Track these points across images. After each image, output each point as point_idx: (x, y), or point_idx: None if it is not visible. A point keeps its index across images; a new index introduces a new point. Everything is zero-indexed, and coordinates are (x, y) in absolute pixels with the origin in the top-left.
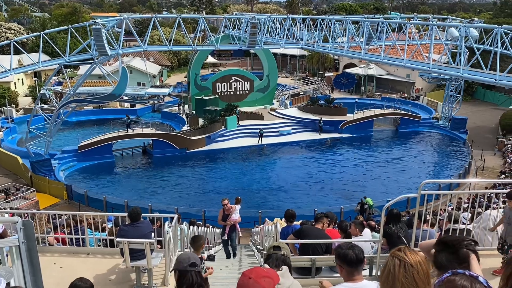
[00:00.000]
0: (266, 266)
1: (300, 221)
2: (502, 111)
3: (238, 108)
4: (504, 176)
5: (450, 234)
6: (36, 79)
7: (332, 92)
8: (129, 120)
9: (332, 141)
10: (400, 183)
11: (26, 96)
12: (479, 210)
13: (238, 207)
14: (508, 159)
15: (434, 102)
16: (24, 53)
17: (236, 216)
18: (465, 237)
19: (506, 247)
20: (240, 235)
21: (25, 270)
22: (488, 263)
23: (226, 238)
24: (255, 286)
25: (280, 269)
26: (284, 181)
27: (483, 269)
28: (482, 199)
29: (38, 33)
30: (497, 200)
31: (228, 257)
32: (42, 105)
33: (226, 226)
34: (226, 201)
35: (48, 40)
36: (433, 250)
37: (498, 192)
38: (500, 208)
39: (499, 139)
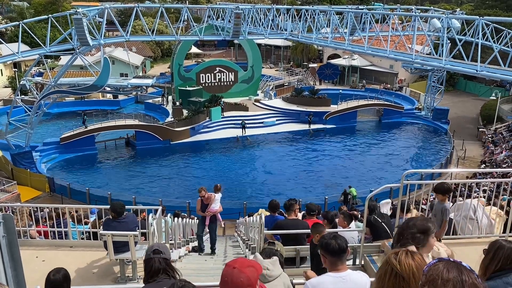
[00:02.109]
0: (259, 256)
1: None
2: (483, 101)
3: (223, 99)
4: (484, 165)
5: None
6: (16, 69)
7: (320, 84)
8: (85, 117)
9: (315, 131)
10: (383, 173)
11: (5, 87)
12: (460, 199)
13: (218, 195)
14: (488, 149)
15: (416, 93)
16: (2, 43)
17: (216, 206)
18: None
19: None
20: (223, 225)
21: (5, 264)
22: (468, 251)
23: (208, 230)
24: (239, 275)
25: (271, 258)
26: (268, 172)
27: (465, 257)
28: (463, 189)
29: (17, 23)
30: (477, 190)
31: (199, 252)
32: (22, 96)
33: (206, 217)
34: (203, 193)
35: (28, 30)
36: None
37: (478, 181)
38: (481, 197)
39: (480, 129)
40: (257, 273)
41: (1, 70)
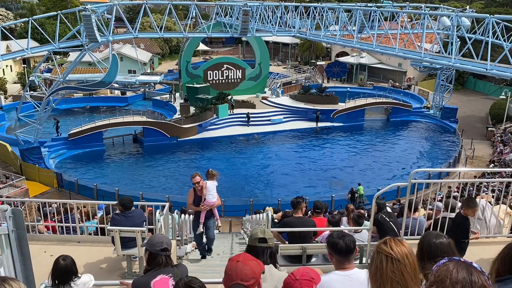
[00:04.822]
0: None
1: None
2: (492, 100)
3: (233, 97)
4: (493, 165)
5: (440, 222)
6: (25, 65)
7: (328, 81)
8: (58, 124)
9: (321, 129)
10: (391, 172)
11: (15, 83)
12: None
13: (212, 183)
14: (497, 149)
15: (425, 91)
16: (12, 39)
17: (213, 198)
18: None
19: None
20: (220, 224)
21: (14, 258)
22: (477, 251)
23: (202, 230)
24: (244, 268)
25: (262, 272)
26: (275, 170)
27: (474, 257)
28: (471, 188)
29: (27, 19)
30: (486, 189)
31: (203, 256)
32: (31, 92)
33: (201, 212)
34: (197, 178)
35: (37, 26)
36: None
37: (487, 181)
38: (486, 194)
39: (489, 129)
40: (260, 267)
41: (11, 66)
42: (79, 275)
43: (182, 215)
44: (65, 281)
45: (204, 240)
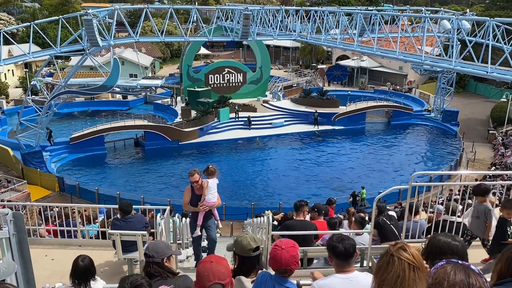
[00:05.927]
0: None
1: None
2: (493, 103)
3: (237, 105)
4: (494, 168)
5: (441, 225)
6: (27, 70)
7: (329, 85)
8: (51, 133)
9: (320, 133)
10: (392, 175)
11: (16, 87)
12: (470, 202)
13: (213, 181)
14: (498, 151)
15: (426, 95)
16: (14, 44)
17: (213, 198)
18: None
19: (470, 239)
20: (220, 226)
21: (15, 262)
22: (477, 254)
23: (200, 233)
24: (219, 268)
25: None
26: (277, 173)
27: (474, 260)
28: None
29: (29, 24)
30: None
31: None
32: (33, 96)
33: (199, 213)
34: (196, 177)
35: (39, 30)
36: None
37: (489, 183)
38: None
39: (490, 131)
40: (229, 266)
41: (12, 70)
42: (97, 276)
43: (183, 219)
44: (85, 281)
45: (205, 243)
